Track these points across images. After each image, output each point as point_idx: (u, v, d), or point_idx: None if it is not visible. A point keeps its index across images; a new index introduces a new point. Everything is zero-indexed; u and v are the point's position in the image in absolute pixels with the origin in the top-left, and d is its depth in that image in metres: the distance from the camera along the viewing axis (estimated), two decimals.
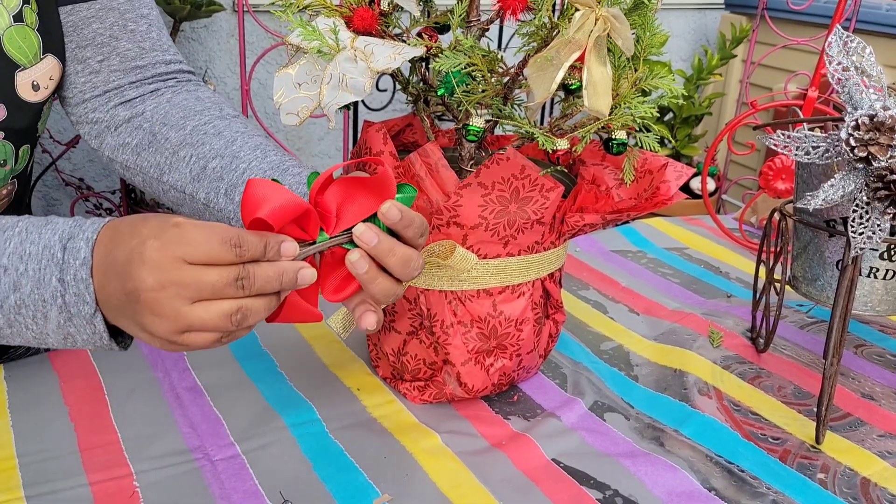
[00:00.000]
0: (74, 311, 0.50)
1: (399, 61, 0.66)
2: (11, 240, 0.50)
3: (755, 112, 1.20)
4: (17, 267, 0.50)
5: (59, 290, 0.50)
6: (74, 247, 0.50)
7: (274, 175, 0.68)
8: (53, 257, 0.50)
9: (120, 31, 0.76)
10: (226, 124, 0.73)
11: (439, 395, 0.79)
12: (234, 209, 0.68)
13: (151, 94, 0.77)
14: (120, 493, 0.67)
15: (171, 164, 0.72)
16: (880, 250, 0.78)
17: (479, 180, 0.69)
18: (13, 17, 0.69)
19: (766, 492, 0.70)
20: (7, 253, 0.50)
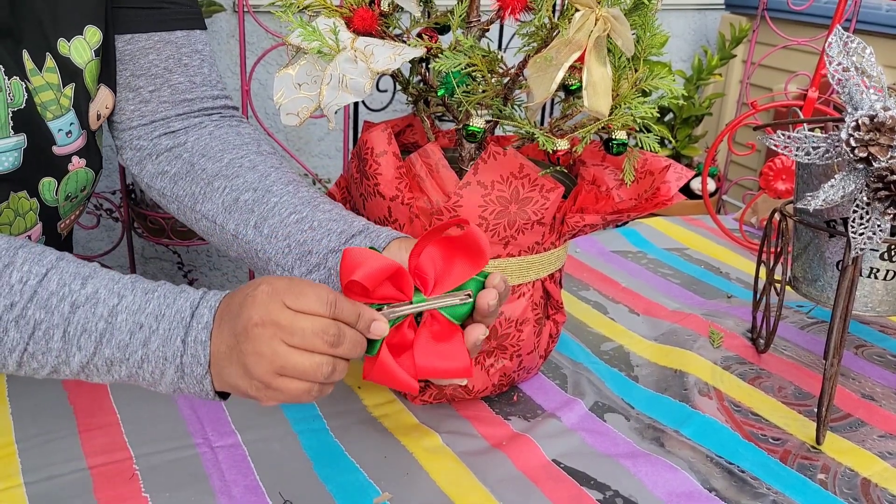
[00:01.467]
0: (188, 371, 0.56)
1: (399, 62, 0.66)
2: (151, 301, 0.56)
3: (755, 112, 1.20)
4: (152, 325, 0.55)
5: (181, 349, 0.55)
6: (200, 313, 0.56)
7: (304, 209, 0.69)
8: (183, 321, 0.56)
9: (174, 65, 0.78)
10: (262, 159, 0.75)
11: (439, 395, 0.79)
12: (262, 242, 0.70)
13: (195, 127, 0.79)
14: (119, 475, 0.67)
15: (206, 195, 0.74)
16: (880, 251, 0.78)
17: (478, 178, 0.69)
18: (94, 51, 0.72)
19: (767, 492, 0.70)
20: (147, 312, 0.56)
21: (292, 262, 0.68)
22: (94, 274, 0.57)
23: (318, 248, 0.67)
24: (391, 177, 0.71)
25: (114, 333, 0.55)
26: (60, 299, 0.55)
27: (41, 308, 0.54)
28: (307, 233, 0.68)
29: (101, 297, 0.55)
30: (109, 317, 0.55)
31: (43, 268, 0.55)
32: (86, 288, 0.56)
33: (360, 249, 0.56)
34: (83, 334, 0.55)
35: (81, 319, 0.55)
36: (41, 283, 0.55)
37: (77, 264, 0.57)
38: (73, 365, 0.56)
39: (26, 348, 0.55)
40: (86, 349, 0.55)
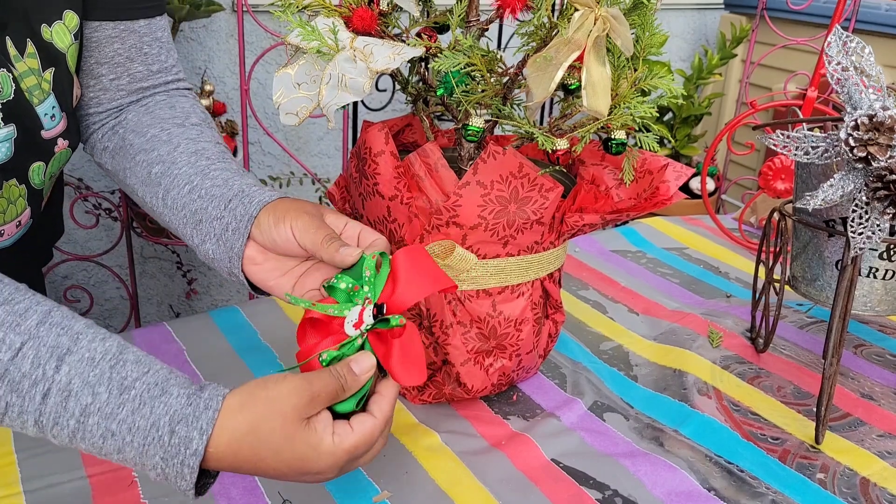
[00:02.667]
0: (171, 479, 0.53)
1: (398, 61, 0.66)
2: (125, 405, 0.52)
3: (755, 112, 1.20)
4: (125, 437, 0.52)
5: (161, 465, 0.52)
6: (186, 435, 0.52)
7: (196, 178, 0.70)
8: (160, 440, 0.52)
9: (136, 54, 0.79)
10: (180, 131, 0.76)
11: (438, 395, 0.79)
12: (168, 213, 0.71)
13: (136, 104, 0.81)
14: (118, 483, 0.67)
15: (130, 169, 0.76)
16: (880, 250, 0.78)
17: (478, 178, 0.69)
18: (73, 35, 0.72)
19: (766, 492, 0.70)
20: (118, 419, 0.52)
21: (190, 231, 0.70)
22: (72, 349, 0.52)
23: (206, 217, 0.68)
24: (390, 176, 0.71)
25: (85, 434, 0.52)
26: (32, 384, 0.51)
27: (12, 391, 0.51)
28: (197, 202, 0.69)
29: (73, 389, 0.51)
30: (81, 416, 0.51)
31: (19, 339, 0.51)
32: (59, 373, 0.51)
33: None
34: (55, 426, 0.52)
35: (53, 411, 0.51)
36: (13, 361, 0.50)
37: (58, 333, 0.52)
38: (48, 439, 0.53)
39: (3, 420, 0.52)
40: (60, 438, 0.52)
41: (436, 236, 0.71)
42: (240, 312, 0.97)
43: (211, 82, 1.71)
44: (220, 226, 0.67)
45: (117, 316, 1.97)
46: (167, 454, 0.52)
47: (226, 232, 0.67)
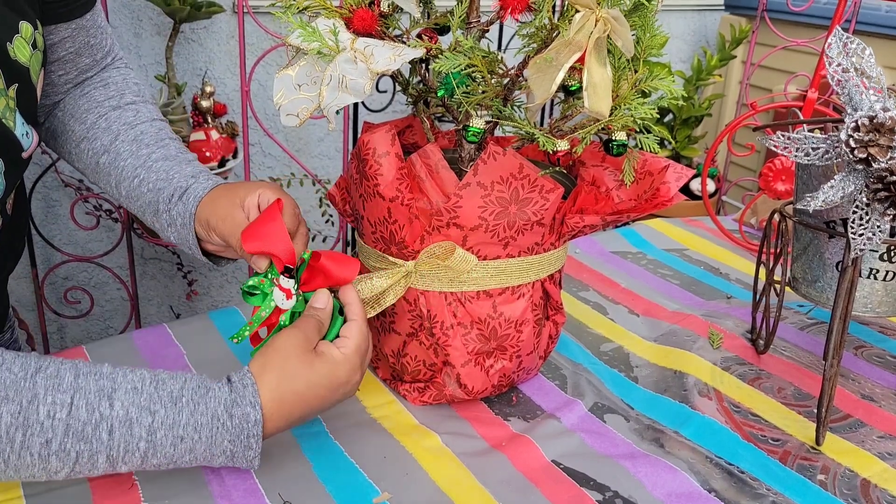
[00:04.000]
0: (239, 458, 0.62)
1: (399, 63, 0.66)
2: (182, 411, 0.59)
3: (755, 113, 1.20)
4: (192, 436, 0.59)
5: (230, 448, 0.61)
6: (242, 413, 0.60)
7: (142, 172, 0.77)
8: (224, 426, 0.60)
9: (83, 48, 0.80)
10: (116, 115, 0.80)
11: (439, 396, 0.79)
12: (125, 201, 0.79)
13: (75, 88, 0.83)
14: (119, 486, 0.67)
15: (76, 155, 0.81)
16: (880, 252, 0.78)
17: (478, 179, 0.69)
18: (31, 45, 0.72)
19: (766, 493, 0.70)
20: (182, 424, 0.59)
21: (150, 219, 0.78)
22: (115, 387, 0.58)
23: (159, 209, 0.76)
24: (392, 178, 0.71)
25: (157, 449, 0.58)
26: (95, 427, 0.56)
27: (79, 440, 0.56)
28: (147, 195, 0.77)
29: (132, 417, 0.57)
30: (149, 436, 0.58)
31: (66, 395, 0.56)
32: (114, 409, 0.57)
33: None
34: (126, 454, 0.58)
35: (122, 442, 0.57)
36: (71, 415, 0.55)
37: (96, 379, 0.58)
38: (120, 471, 0.59)
39: (73, 470, 0.57)
40: (132, 464, 0.59)
41: (436, 237, 0.71)
42: (239, 313, 0.97)
43: (211, 83, 1.71)
44: (171, 218, 0.76)
45: (118, 317, 1.97)
46: (233, 435, 0.60)
47: (174, 225, 0.76)
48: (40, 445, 0.55)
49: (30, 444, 0.55)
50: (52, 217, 1.81)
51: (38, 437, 0.55)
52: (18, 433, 0.54)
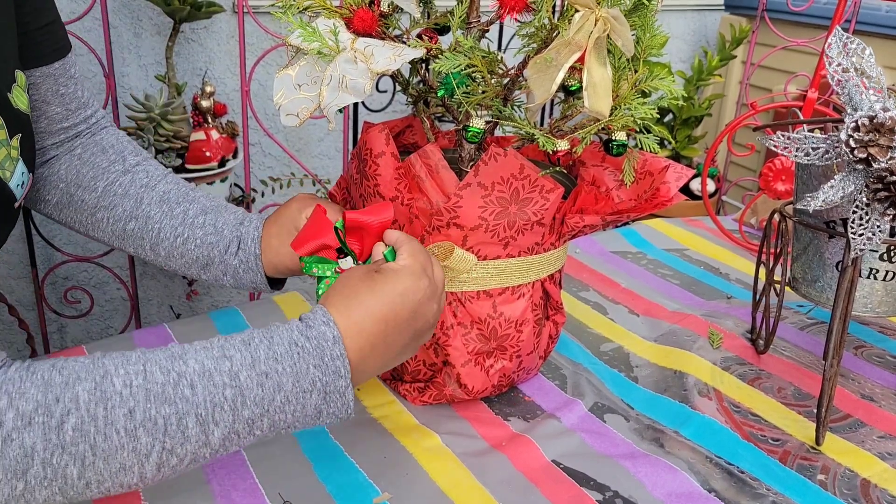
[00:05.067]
0: (331, 389, 0.57)
1: (399, 63, 0.66)
2: (259, 349, 0.56)
3: (755, 113, 1.20)
4: (276, 368, 0.55)
5: (318, 375, 0.57)
6: (318, 333, 0.57)
7: (185, 230, 0.78)
8: (303, 349, 0.57)
9: (52, 96, 0.78)
10: (129, 179, 0.80)
11: (439, 396, 0.79)
12: (164, 261, 0.80)
13: (66, 153, 0.81)
14: None
15: (93, 224, 0.80)
16: (880, 251, 0.78)
17: (479, 180, 0.69)
18: (26, 91, 0.71)
19: (766, 493, 0.70)
20: (261, 360, 0.55)
21: (197, 271, 0.79)
22: (184, 350, 0.55)
23: (212, 262, 0.78)
24: (390, 177, 0.71)
25: (245, 394, 0.54)
26: (175, 385, 0.53)
27: (162, 403, 0.52)
28: (195, 251, 0.78)
29: (209, 367, 0.54)
30: (232, 381, 0.54)
31: (138, 365, 0.53)
32: (188, 365, 0.54)
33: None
34: (215, 408, 0.53)
35: (207, 395, 0.53)
36: (147, 379, 0.52)
37: (163, 349, 0.55)
38: (213, 443, 0.54)
39: (163, 446, 0.52)
40: (223, 421, 0.54)
41: (436, 237, 0.71)
42: (239, 314, 0.97)
43: (211, 83, 1.71)
44: (229, 268, 0.78)
45: (118, 317, 1.97)
46: (316, 359, 0.57)
47: (233, 273, 0.79)
48: (124, 417, 0.51)
49: (113, 419, 0.50)
50: None
51: (120, 408, 0.51)
52: (99, 408, 0.50)
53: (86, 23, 1.63)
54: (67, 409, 0.50)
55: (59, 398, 0.50)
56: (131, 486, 0.53)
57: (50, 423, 0.49)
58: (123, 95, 1.70)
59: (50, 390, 0.50)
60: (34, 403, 0.49)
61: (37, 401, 0.49)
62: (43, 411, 0.49)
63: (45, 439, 0.49)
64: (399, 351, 0.62)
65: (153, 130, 1.56)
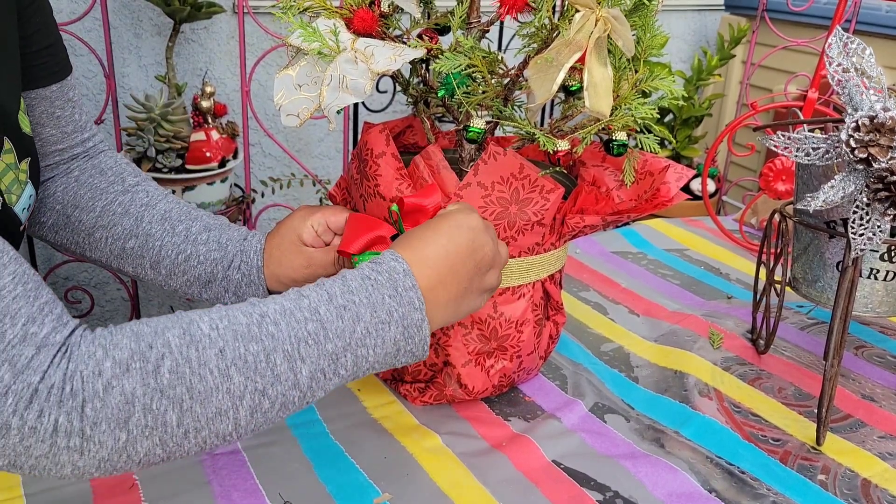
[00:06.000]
0: (408, 323, 0.59)
1: (400, 63, 0.66)
2: (334, 286, 0.58)
3: (755, 113, 1.20)
4: (354, 299, 0.57)
5: (394, 305, 0.58)
6: (388, 268, 0.59)
7: (187, 247, 0.78)
8: (376, 281, 0.58)
9: (47, 119, 0.77)
10: (128, 199, 0.79)
11: (440, 396, 0.79)
12: (165, 279, 0.79)
13: (62, 175, 0.81)
14: (119, 486, 0.67)
15: (90, 245, 0.79)
16: (880, 252, 0.78)
17: (479, 179, 0.69)
18: (26, 113, 0.71)
19: (767, 493, 0.70)
20: (337, 294, 0.57)
21: (198, 290, 0.79)
22: (261, 300, 0.56)
23: (214, 278, 0.78)
24: (391, 178, 0.71)
25: (326, 327, 0.55)
26: (259, 324, 0.54)
27: (250, 341, 0.53)
28: (198, 268, 0.77)
29: (289, 307, 0.56)
30: (312, 315, 0.55)
31: (220, 312, 0.54)
32: (268, 307, 0.55)
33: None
34: (300, 343, 0.54)
35: (290, 331, 0.54)
36: (231, 322, 0.53)
37: (241, 304, 0.56)
38: (301, 383, 0.55)
39: (255, 386, 0.53)
40: (309, 356, 0.55)
41: None
42: None
43: (212, 84, 1.72)
44: (231, 283, 0.78)
45: (118, 317, 1.97)
46: (390, 289, 0.58)
47: (235, 289, 0.78)
48: (216, 357, 0.52)
49: (206, 359, 0.51)
50: None
51: (210, 348, 0.52)
52: (191, 350, 0.51)
53: (86, 23, 1.63)
54: (161, 353, 0.51)
55: (152, 345, 0.51)
56: (227, 435, 0.53)
57: (147, 368, 0.50)
58: (123, 96, 1.70)
59: (142, 339, 0.51)
60: (129, 351, 0.50)
61: (131, 349, 0.50)
62: (139, 357, 0.50)
63: (143, 384, 0.49)
64: (465, 286, 0.63)
65: (153, 131, 1.56)
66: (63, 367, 0.48)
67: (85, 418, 0.48)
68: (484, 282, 0.65)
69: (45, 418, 0.47)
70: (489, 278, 0.66)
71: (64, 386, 0.48)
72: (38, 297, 0.50)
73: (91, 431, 0.48)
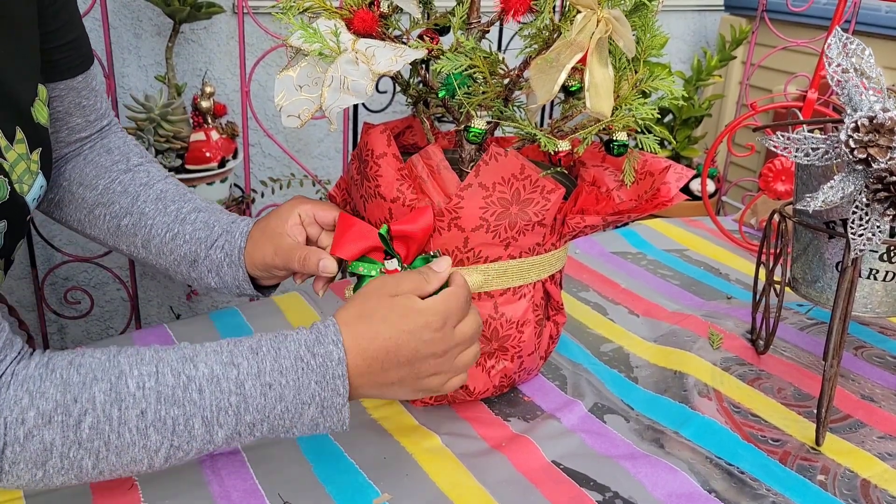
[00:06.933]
0: (327, 405, 0.60)
1: (401, 63, 0.66)
2: (266, 360, 0.59)
3: (755, 114, 1.20)
4: (280, 381, 0.59)
5: (317, 391, 0.59)
6: (325, 351, 0.60)
7: (175, 226, 0.78)
8: (308, 365, 0.59)
9: (74, 108, 0.80)
10: (129, 178, 0.81)
11: (440, 396, 0.79)
12: (154, 258, 0.80)
13: (74, 155, 0.83)
14: (119, 486, 0.67)
15: (90, 222, 0.81)
16: (880, 252, 0.78)
17: (480, 180, 0.69)
18: (47, 105, 0.73)
19: (766, 493, 0.70)
20: (267, 371, 0.59)
21: (186, 270, 0.79)
22: (195, 353, 0.58)
23: (199, 258, 0.78)
24: (392, 178, 0.71)
25: (248, 401, 0.58)
26: (184, 389, 0.56)
27: (171, 405, 0.56)
28: (184, 247, 0.78)
29: (217, 374, 0.57)
30: (237, 389, 0.58)
31: (151, 366, 0.56)
32: (199, 369, 0.57)
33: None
34: (220, 412, 0.57)
35: (213, 400, 0.57)
36: (159, 381, 0.56)
37: (175, 350, 0.58)
38: (217, 441, 0.58)
39: (171, 444, 0.56)
40: (227, 424, 0.58)
41: (437, 239, 0.71)
42: (239, 314, 0.97)
43: (211, 84, 1.71)
44: (213, 263, 0.78)
45: (118, 317, 1.97)
46: (318, 375, 0.59)
47: (217, 269, 0.78)
48: (136, 417, 0.55)
49: (126, 419, 0.54)
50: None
51: (133, 409, 0.55)
52: (114, 409, 0.54)
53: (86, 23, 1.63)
54: (84, 409, 0.54)
55: (76, 398, 0.54)
56: (140, 472, 0.58)
57: (68, 422, 0.53)
58: (123, 96, 1.70)
59: (68, 390, 0.54)
60: (54, 403, 0.53)
61: (56, 400, 0.53)
62: (62, 411, 0.53)
63: (63, 436, 0.53)
64: (390, 385, 0.63)
65: (153, 131, 1.56)
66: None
67: (4, 458, 0.52)
68: (419, 384, 0.65)
69: None
70: (428, 382, 0.65)
71: None
72: None
73: (10, 468, 0.53)
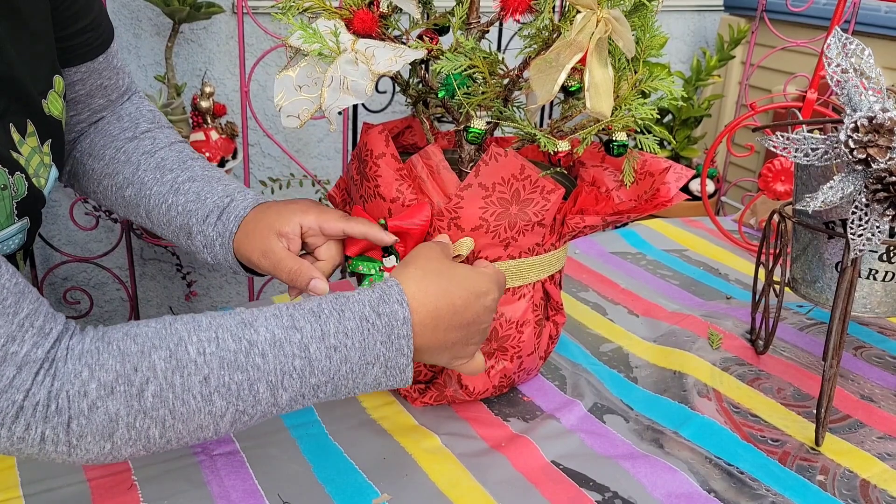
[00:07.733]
0: (391, 365, 0.59)
1: (400, 64, 0.66)
2: (330, 321, 0.57)
3: (754, 114, 1.20)
4: (346, 343, 0.57)
5: (382, 351, 0.59)
6: (390, 311, 0.59)
7: (170, 196, 0.76)
8: (373, 325, 0.58)
9: (96, 90, 0.79)
10: (133, 146, 0.79)
11: (440, 397, 0.79)
12: (157, 228, 0.78)
13: (91, 127, 0.82)
14: (118, 486, 0.67)
15: (101, 192, 0.81)
16: (879, 252, 0.78)
17: (480, 180, 0.69)
18: (63, 97, 0.72)
19: (766, 493, 0.70)
20: (331, 334, 0.57)
21: (185, 242, 0.77)
22: (254, 317, 0.57)
23: (193, 231, 0.75)
24: (391, 178, 0.71)
25: (313, 364, 0.57)
26: (247, 354, 0.55)
27: (235, 370, 0.54)
28: (178, 219, 0.76)
29: (279, 337, 0.56)
30: (301, 351, 0.56)
31: (210, 332, 0.55)
32: (259, 334, 0.56)
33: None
34: (285, 376, 0.56)
35: (277, 364, 0.56)
36: (220, 347, 0.54)
37: (233, 315, 0.57)
38: (281, 403, 0.57)
39: (237, 408, 0.55)
40: (292, 387, 0.57)
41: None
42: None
43: (211, 84, 1.71)
44: (207, 239, 0.75)
45: (117, 317, 1.97)
46: (384, 335, 0.58)
47: (211, 246, 0.75)
48: (199, 384, 0.53)
49: (190, 385, 0.53)
50: (52, 217, 1.81)
51: (195, 375, 0.53)
52: (176, 376, 0.53)
53: None
54: (146, 377, 0.52)
55: (136, 367, 0.52)
56: (207, 438, 0.57)
57: (131, 392, 0.52)
58: None
59: (127, 360, 0.52)
60: (114, 374, 0.52)
61: (116, 371, 0.52)
62: (123, 381, 0.52)
63: (127, 406, 0.52)
64: (441, 347, 0.63)
65: None
66: (47, 384, 0.50)
67: (71, 432, 0.51)
68: (463, 350, 0.65)
69: (33, 431, 0.50)
70: (466, 351, 0.65)
71: (49, 403, 0.50)
72: (17, 312, 0.51)
73: (77, 442, 0.51)
